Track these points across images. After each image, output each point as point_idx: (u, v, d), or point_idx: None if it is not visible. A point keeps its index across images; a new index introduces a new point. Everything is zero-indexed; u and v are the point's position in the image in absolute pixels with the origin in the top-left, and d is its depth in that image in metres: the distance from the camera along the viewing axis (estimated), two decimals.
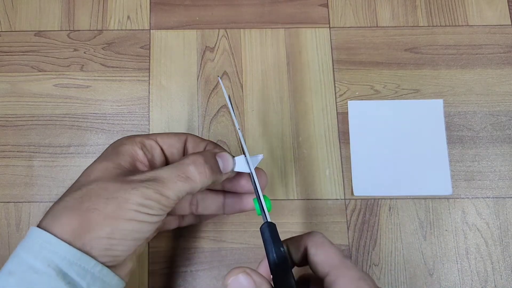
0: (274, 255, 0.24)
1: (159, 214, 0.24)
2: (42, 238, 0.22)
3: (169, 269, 0.36)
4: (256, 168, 0.29)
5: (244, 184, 0.30)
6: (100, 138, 0.39)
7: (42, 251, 0.22)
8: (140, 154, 0.27)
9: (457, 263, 0.36)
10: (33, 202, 0.37)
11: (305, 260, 0.26)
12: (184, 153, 0.30)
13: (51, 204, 0.36)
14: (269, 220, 0.26)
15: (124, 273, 0.26)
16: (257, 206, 0.27)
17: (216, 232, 0.37)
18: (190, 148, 0.29)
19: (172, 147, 0.29)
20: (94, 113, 0.39)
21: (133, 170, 0.26)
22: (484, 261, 0.36)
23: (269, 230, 0.25)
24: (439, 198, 0.37)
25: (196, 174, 0.25)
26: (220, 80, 0.31)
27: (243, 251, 0.36)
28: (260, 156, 0.28)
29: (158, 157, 0.29)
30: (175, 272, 0.36)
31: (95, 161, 0.27)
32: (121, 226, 0.23)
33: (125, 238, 0.24)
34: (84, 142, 0.39)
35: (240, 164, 0.28)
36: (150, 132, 0.39)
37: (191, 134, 0.30)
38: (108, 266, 0.23)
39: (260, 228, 0.25)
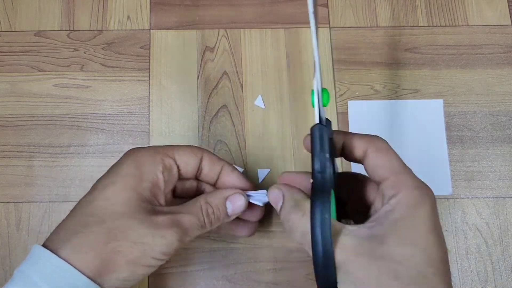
0: (319, 164, 0.22)
1: (167, 259, 0.26)
2: (65, 269, 0.22)
3: (169, 269, 0.36)
4: (253, 205, 0.29)
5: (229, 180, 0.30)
6: (100, 138, 0.39)
7: (62, 283, 0.22)
8: (160, 179, 0.27)
9: (457, 263, 0.36)
10: (33, 202, 0.37)
11: (356, 159, 0.25)
12: (198, 171, 0.29)
13: (51, 204, 0.37)
14: (323, 118, 0.22)
15: None
16: (313, 97, 0.23)
17: (216, 232, 0.37)
18: (206, 168, 0.29)
19: (188, 165, 0.28)
20: (94, 113, 0.39)
21: (152, 201, 0.26)
22: (484, 261, 0.36)
23: (319, 135, 0.22)
24: (439, 198, 0.37)
25: (207, 223, 0.27)
26: None
27: (244, 251, 0.36)
28: (266, 171, 0.29)
29: (173, 179, 0.28)
30: (175, 272, 0.36)
31: (112, 179, 0.26)
32: (139, 271, 0.24)
33: (138, 278, 0.25)
34: (84, 142, 0.39)
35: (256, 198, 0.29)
36: (150, 132, 0.39)
37: (207, 151, 0.29)
38: None
39: (310, 128, 0.23)
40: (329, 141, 0.23)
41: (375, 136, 0.25)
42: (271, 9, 0.42)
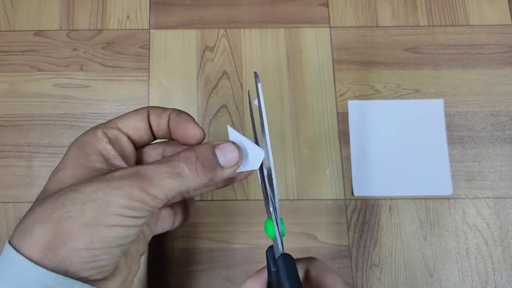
0: None
1: (145, 216, 0.21)
2: (15, 263, 0.19)
3: (169, 270, 0.36)
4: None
5: (192, 135, 0.25)
6: None
7: (16, 279, 0.19)
8: (109, 149, 0.23)
9: (458, 264, 0.36)
10: (32, 202, 0.37)
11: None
12: (152, 132, 0.26)
13: None
14: (283, 248, 0.23)
15: (118, 284, 0.23)
16: (270, 228, 0.24)
17: (216, 233, 0.37)
18: (154, 124, 0.26)
19: (138, 130, 0.25)
20: (93, 113, 0.39)
21: (110, 169, 0.23)
22: (484, 262, 0.36)
23: (285, 264, 0.22)
24: (440, 198, 0.37)
25: (187, 171, 0.22)
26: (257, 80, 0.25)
27: (244, 251, 0.36)
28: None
29: (127, 148, 0.25)
30: (175, 272, 0.36)
31: (60, 167, 0.23)
32: (103, 233, 0.20)
33: (109, 246, 0.20)
34: None
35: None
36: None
37: (151, 107, 0.26)
38: (95, 280, 0.21)
39: (276, 260, 0.23)
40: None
41: (313, 257, 0.25)
42: (271, 9, 0.42)
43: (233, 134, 0.24)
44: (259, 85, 0.23)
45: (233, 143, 0.24)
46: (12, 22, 0.41)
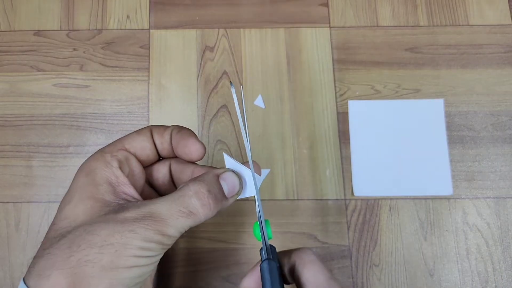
0: None
1: (160, 254, 0.22)
2: None
3: (169, 270, 0.36)
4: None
5: (193, 151, 0.25)
6: (99, 138, 0.39)
7: None
8: (119, 175, 0.23)
9: (458, 264, 0.36)
10: (32, 202, 0.37)
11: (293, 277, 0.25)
12: (157, 150, 0.26)
13: (50, 204, 0.37)
14: (267, 253, 0.24)
15: None
16: (257, 231, 0.25)
17: (216, 233, 0.37)
18: (158, 143, 0.26)
19: (145, 150, 0.25)
20: (93, 113, 0.39)
21: (120, 203, 0.23)
22: (484, 262, 0.36)
23: (269, 270, 0.23)
24: (440, 199, 0.37)
25: (199, 207, 0.22)
26: (232, 89, 0.26)
27: (243, 251, 0.36)
28: (267, 171, 0.26)
29: (137, 169, 0.25)
30: (175, 272, 0.36)
31: (67, 199, 0.23)
32: (121, 276, 0.20)
33: (127, 287, 0.21)
34: (83, 142, 0.38)
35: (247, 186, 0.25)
36: None
37: (154, 126, 0.26)
38: None
39: (260, 266, 0.24)
40: (279, 270, 0.24)
41: (302, 248, 0.25)
42: (271, 9, 0.42)
43: (229, 161, 0.25)
44: (237, 95, 0.24)
45: (233, 171, 0.24)
46: (12, 22, 0.41)
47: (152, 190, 0.28)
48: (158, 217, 0.21)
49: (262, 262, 0.24)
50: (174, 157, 0.27)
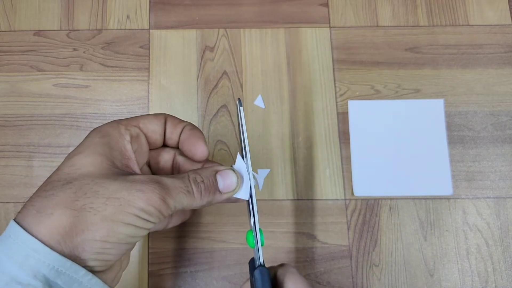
0: None
1: (155, 221, 0.23)
2: (27, 244, 0.20)
3: (169, 270, 0.36)
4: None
5: (199, 153, 0.27)
6: None
7: (28, 260, 0.20)
8: (129, 149, 0.25)
9: (458, 264, 0.36)
10: None
11: None
12: (165, 136, 0.28)
13: None
14: (261, 259, 0.25)
15: (112, 278, 0.24)
16: (250, 238, 0.26)
17: (216, 233, 0.37)
18: (169, 131, 0.28)
19: (155, 133, 0.27)
20: (93, 113, 0.39)
21: (126, 172, 0.24)
22: (484, 262, 0.36)
23: (261, 277, 0.24)
24: (440, 198, 0.37)
25: (194, 191, 0.24)
26: (239, 107, 0.26)
27: (243, 251, 0.36)
28: (267, 171, 0.27)
29: (144, 148, 0.27)
30: (175, 272, 0.36)
31: (78, 150, 0.24)
32: (118, 230, 0.21)
33: (119, 242, 0.22)
34: None
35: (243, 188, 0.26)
36: None
37: (169, 115, 0.28)
38: (97, 271, 0.22)
39: (253, 273, 0.25)
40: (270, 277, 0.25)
41: (284, 264, 0.27)
42: (271, 9, 0.42)
43: (239, 162, 0.27)
44: (241, 108, 0.26)
45: (234, 170, 0.26)
46: (12, 22, 0.41)
47: (150, 172, 0.29)
48: (165, 186, 0.23)
49: (255, 269, 0.25)
50: (177, 147, 0.29)
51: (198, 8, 0.42)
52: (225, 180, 0.25)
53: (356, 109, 0.39)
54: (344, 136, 0.39)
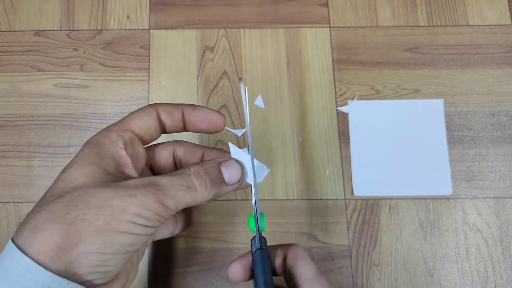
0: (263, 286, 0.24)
1: (155, 226, 0.22)
2: (21, 264, 0.19)
3: (169, 270, 0.36)
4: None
5: (215, 121, 0.26)
6: None
7: (21, 281, 0.19)
8: (123, 156, 0.24)
9: (458, 264, 0.36)
10: (32, 202, 0.37)
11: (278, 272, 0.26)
12: (162, 127, 0.26)
13: None
14: (261, 243, 0.25)
15: None
16: (251, 223, 0.26)
17: (217, 233, 0.37)
18: (168, 121, 0.26)
19: (150, 129, 0.26)
20: (93, 113, 0.39)
21: (121, 178, 0.23)
22: (484, 262, 0.36)
23: (261, 259, 0.24)
24: (440, 198, 0.37)
25: (197, 185, 0.23)
26: (242, 88, 0.26)
27: (244, 251, 0.36)
28: (267, 171, 0.26)
29: (140, 150, 0.26)
30: (175, 272, 0.36)
31: (70, 164, 0.23)
32: (115, 239, 0.20)
33: (118, 252, 0.21)
34: (84, 142, 0.38)
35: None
36: None
37: (159, 104, 0.26)
38: (97, 284, 0.21)
39: (252, 254, 0.25)
40: (269, 261, 0.25)
41: (293, 244, 0.26)
42: (271, 9, 0.42)
43: (235, 151, 0.26)
44: (246, 88, 0.26)
45: (236, 160, 0.25)
46: (12, 22, 0.41)
47: (151, 173, 0.28)
48: (160, 186, 0.22)
49: (255, 250, 0.24)
50: (182, 131, 0.28)
51: (198, 8, 0.42)
52: (230, 171, 0.24)
53: (356, 109, 0.39)
54: (344, 136, 0.39)
